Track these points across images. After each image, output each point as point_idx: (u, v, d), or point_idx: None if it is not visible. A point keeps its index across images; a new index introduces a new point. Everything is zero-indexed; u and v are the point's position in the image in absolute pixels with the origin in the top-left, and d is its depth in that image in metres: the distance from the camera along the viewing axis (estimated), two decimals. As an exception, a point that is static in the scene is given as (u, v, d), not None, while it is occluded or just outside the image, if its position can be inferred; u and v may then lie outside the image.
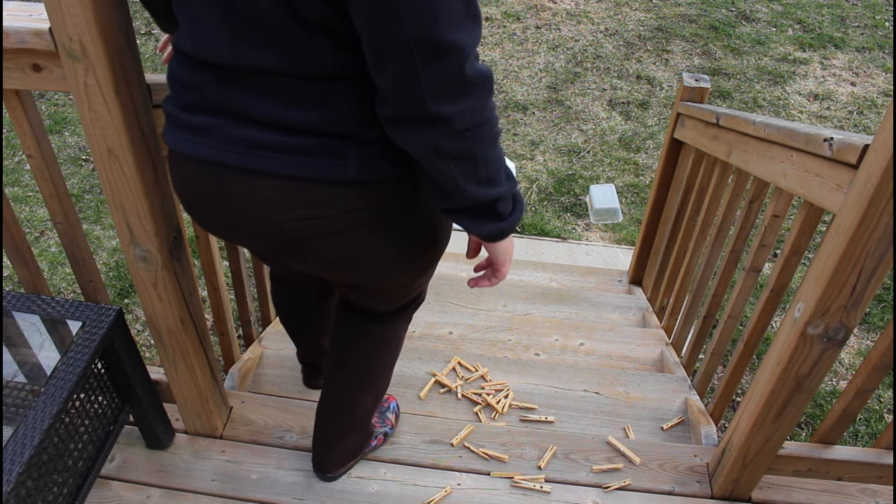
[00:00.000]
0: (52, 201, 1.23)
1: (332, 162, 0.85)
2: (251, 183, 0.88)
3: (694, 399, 1.77)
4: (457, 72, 0.74)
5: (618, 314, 2.44)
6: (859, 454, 1.37)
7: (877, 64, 4.66)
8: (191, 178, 0.94)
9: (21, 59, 1.00)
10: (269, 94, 0.83)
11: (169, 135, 0.94)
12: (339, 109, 0.83)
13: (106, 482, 1.36)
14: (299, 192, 0.87)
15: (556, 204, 3.56)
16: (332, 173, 0.86)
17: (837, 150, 1.07)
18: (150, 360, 2.47)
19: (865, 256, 0.99)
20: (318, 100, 0.83)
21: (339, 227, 0.91)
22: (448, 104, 0.75)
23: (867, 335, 2.73)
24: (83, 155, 3.69)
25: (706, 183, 1.96)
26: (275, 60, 0.80)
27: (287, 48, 0.79)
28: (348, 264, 0.97)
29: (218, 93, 0.86)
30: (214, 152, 0.89)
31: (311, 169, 0.86)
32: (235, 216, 0.93)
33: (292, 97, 0.83)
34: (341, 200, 0.89)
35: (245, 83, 0.84)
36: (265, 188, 0.88)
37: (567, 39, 4.85)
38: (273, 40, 0.79)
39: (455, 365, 1.85)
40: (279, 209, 0.89)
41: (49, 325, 1.16)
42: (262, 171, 0.87)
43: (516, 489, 1.41)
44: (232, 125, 0.87)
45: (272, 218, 0.90)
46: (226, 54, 0.82)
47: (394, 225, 0.94)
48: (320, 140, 0.85)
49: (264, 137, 0.85)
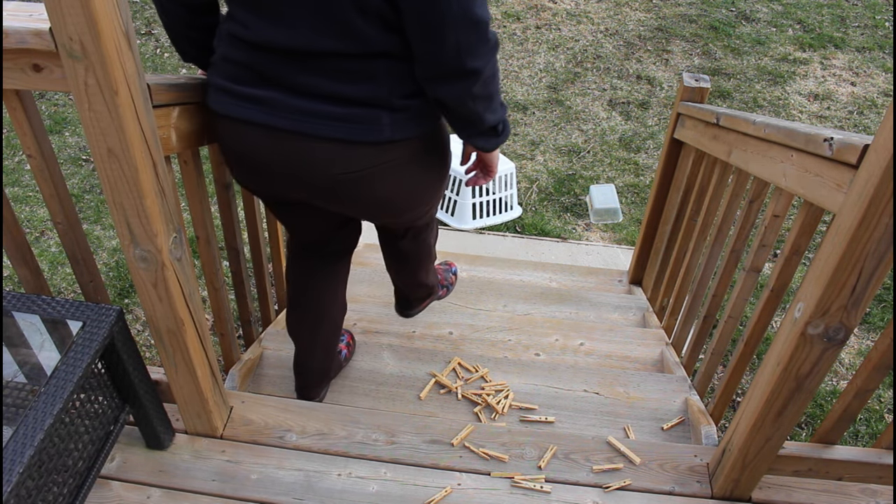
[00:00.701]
0: (52, 201, 1.23)
1: (371, 127, 1.12)
2: (306, 145, 1.14)
3: (694, 399, 1.77)
4: (484, 37, 1.03)
5: (618, 314, 2.44)
6: (859, 454, 1.37)
7: (877, 64, 4.66)
8: (247, 139, 1.18)
9: (21, 59, 1.00)
10: (322, 72, 1.08)
11: (222, 103, 1.17)
12: (378, 83, 1.10)
13: (106, 482, 1.36)
14: (346, 151, 1.14)
15: (557, 204, 3.56)
16: (372, 136, 1.13)
17: (837, 150, 1.07)
18: (151, 360, 2.47)
19: (865, 256, 0.99)
20: (363, 76, 1.09)
21: (376, 175, 1.19)
22: (479, 61, 1.05)
23: (867, 335, 2.73)
24: (83, 155, 3.69)
25: (706, 183, 1.96)
26: (340, 46, 1.05)
27: (349, 35, 1.04)
28: (381, 203, 1.27)
29: (276, 71, 1.10)
30: (273, 118, 1.13)
31: (356, 133, 1.12)
32: (288, 172, 1.19)
33: (343, 74, 1.08)
34: (378, 155, 1.16)
35: (302, 63, 1.08)
36: (318, 149, 1.14)
37: (567, 39, 4.85)
38: (340, 30, 1.04)
39: (455, 365, 1.85)
40: (330, 165, 1.16)
41: (49, 326, 1.16)
42: (315, 136, 1.13)
43: (516, 489, 1.41)
44: (287, 97, 1.11)
45: (324, 172, 1.17)
46: (304, 43, 1.06)
47: (413, 169, 1.24)
48: (362, 109, 1.11)
49: (316, 108, 1.11)
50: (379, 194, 1.24)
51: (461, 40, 1.02)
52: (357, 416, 1.56)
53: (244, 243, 1.77)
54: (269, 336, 1.94)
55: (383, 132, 1.13)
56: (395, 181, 1.23)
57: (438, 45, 1.02)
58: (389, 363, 1.85)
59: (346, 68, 1.08)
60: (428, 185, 1.30)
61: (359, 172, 1.18)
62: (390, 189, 1.24)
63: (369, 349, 1.90)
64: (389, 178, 1.21)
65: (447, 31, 1.01)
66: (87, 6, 0.86)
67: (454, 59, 1.04)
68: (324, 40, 1.05)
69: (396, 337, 2.12)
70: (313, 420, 1.54)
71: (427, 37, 1.02)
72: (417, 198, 1.31)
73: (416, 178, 1.26)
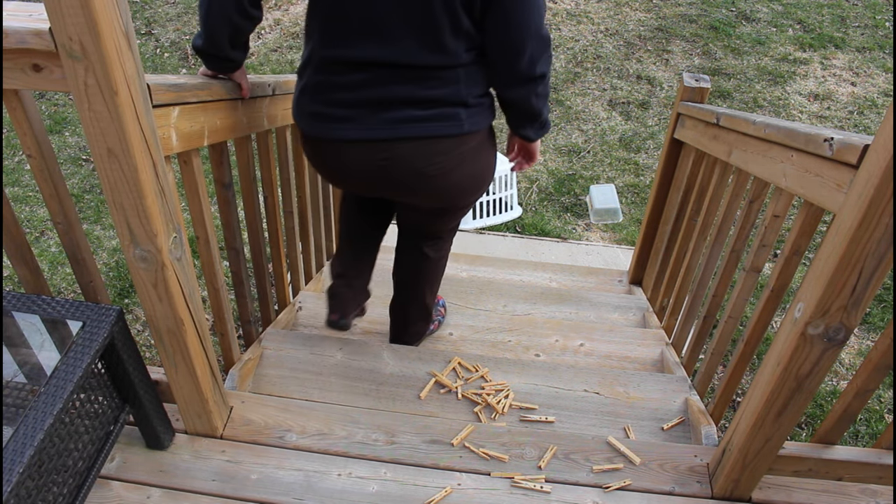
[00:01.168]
0: (52, 201, 1.23)
1: (451, 123, 1.36)
2: (397, 147, 1.37)
3: (694, 399, 1.77)
4: (549, 50, 1.34)
5: (618, 314, 2.44)
6: (859, 454, 1.37)
7: (877, 64, 4.66)
8: (343, 158, 1.42)
9: (21, 59, 1.00)
10: (417, 80, 1.31)
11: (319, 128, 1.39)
12: (456, 87, 1.34)
13: (106, 482, 1.36)
14: (432, 146, 1.37)
15: (557, 204, 3.56)
16: (454, 130, 1.37)
17: (837, 151, 1.07)
18: (150, 360, 2.47)
19: (866, 256, 0.99)
20: (449, 81, 1.33)
21: (454, 164, 1.42)
22: (545, 67, 1.35)
23: (867, 335, 2.73)
24: (83, 155, 3.69)
25: (706, 183, 1.96)
26: (437, 59, 1.30)
27: (444, 51, 1.29)
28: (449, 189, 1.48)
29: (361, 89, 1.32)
30: (366, 132, 1.35)
31: (440, 130, 1.36)
32: (384, 177, 1.43)
33: (434, 81, 1.32)
34: (457, 146, 1.40)
35: (398, 75, 1.31)
36: (408, 149, 1.37)
37: (567, 39, 4.85)
38: (438, 47, 1.28)
39: (455, 365, 1.85)
40: (419, 160, 1.39)
41: (49, 326, 1.16)
42: (404, 137, 1.35)
43: (516, 489, 1.41)
44: (374, 112, 1.34)
45: (416, 169, 1.40)
46: (407, 58, 1.29)
47: (479, 157, 1.47)
48: (443, 109, 1.35)
49: (401, 115, 1.33)
50: (453, 180, 1.46)
51: (534, 53, 1.31)
52: (357, 416, 1.56)
53: (244, 243, 1.77)
54: (269, 336, 1.94)
55: (463, 126, 1.38)
56: (466, 167, 1.46)
57: (517, 57, 1.31)
58: (389, 363, 1.85)
59: (438, 76, 1.32)
60: (486, 170, 1.53)
61: (439, 165, 1.41)
62: (458, 176, 1.46)
63: (369, 349, 1.90)
64: (462, 165, 1.45)
65: (525, 47, 1.29)
66: (86, 6, 0.86)
67: (528, 68, 1.33)
68: (424, 55, 1.29)
69: (396, 337, 2.12)
70: (313, 420, 1.54)
71: (508, 51, 1.31)
72: (478, 182, 1.53)
73: (480, 164, 1.49)
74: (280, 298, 2.15)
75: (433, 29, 1.26)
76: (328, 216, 2.62)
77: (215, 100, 1.35)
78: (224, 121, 1.42)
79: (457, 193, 1.51)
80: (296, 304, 2.21)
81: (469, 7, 1.26)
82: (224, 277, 1.63)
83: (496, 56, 1.33)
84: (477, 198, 1.59)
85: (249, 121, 1.58)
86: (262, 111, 1.66)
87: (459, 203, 1.57)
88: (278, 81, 1.72)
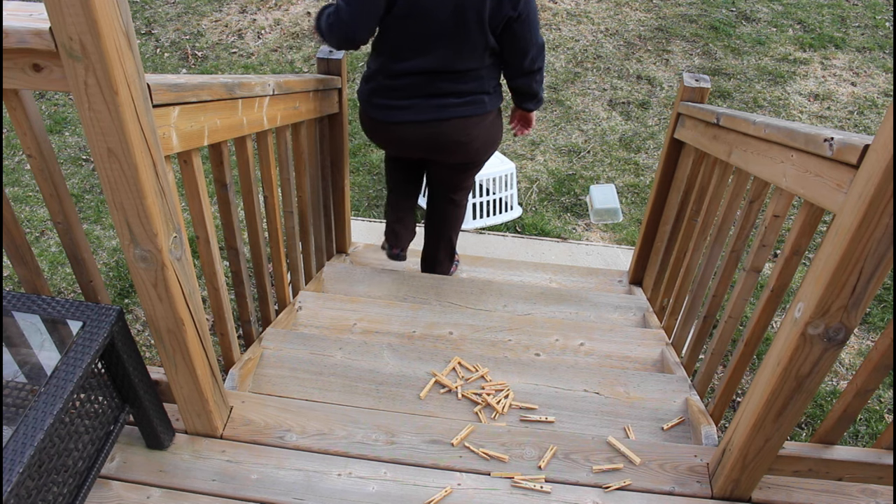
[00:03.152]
0: (52, 201, 1.23)
1: (480, 106, 2.03)
2: (444, 125, 2.02)
3: (694, 399, 1.77)
4: (544, 51, 1.99)
5: (618, 314, 2.44)
6: (859, 454, 1.37)
7: (877, 64, 4.66)
8: (404, 133, 2.07)
9: (21, 58, 1.00)
10: (452, 79, 1.95)
11: (386, 114, 2.04)
12: (481, 82, 1.99)
13: (106, 482, 1.36)
14: (468, 122, 2.03)
15: (557, 204, 3.56)
16: (481, 110, 2.03)
17: (838, 150, 1.07)
18: (150, 360, 2.47)
19: (866, 256, 0.99)
20: (476, 78, 1.98)
21: (480, 133, 2.09)
22: (541, 63, 2.00)
23: (867, 335, 2.73)
24: (83, 155, 3.69)
25: (706, 183, 1.96)
26: (468, 65, 1.94)
27: (474, 58, 1.92)
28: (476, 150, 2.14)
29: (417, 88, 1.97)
30: (419, 115, 2.01)
31: (472, 111, 2.02)
32: (433, 144, 2.09)
33: (466, 79, 1.97)
34: (482, 122, 2.06)
35: (438, 77, 1.94)
36: (452, 126, 2.03)
37: (567, 39, 4.85)
38: (471, 56, 1.91)
39: (455, 365, 1.85)
40: (459, 133, 2.05)
41: (49, 325, 1.16)
42: (448, 118, 2.01)
43: (517, 489, 1.41)
44: (424, 101, 1.99)
45: (455, 139, 2.06)
46: (445, 65, 1.92)
47: (494, 128, 2.14)
48: (474, 97, 2.00)
49: (443, 102, 1.99)
50: (477, 145, 2.12)
51: (534, 56, 1.98)
52: (357, 416, 1.56)
53: (244, 243, 1.77)
54: (269, 336, 1.94)
55: (486, 107, 2.05)
56: (486, 135, 2.12)
57: (523, 59, 1.98)
58: (390, 363, 1.85)
59: (469, 76, 1.97)
60: (498, 134, 2.20)
61: (470, 134, 2.07)
62: (482, 141, 2.12)
63: (369, 349, 1.90)
64: (484, 134, 2.11)
65: (529, 52, 1.96)
66: (87, 6, 0.86)
67: (530, 65, 2.00)
68: (459, 62, 1.93)
69: (397, 337, 2.12)
70: (313, 420, 1.54)
71: (517, 56, 1.97)
72: (493, 143, 2.19)
73: (495, 131, 2.16)
74: (280, 298, 2.15)
75: (469, 47, 1.90)
76: (328, 216, 2.62)
77: (215, 100, 1.35)
78: (224, 121, 1.42)
79: (480, 153, 2.18)
80: (296, 304, 2.21)
81: (493, 31, 1.89)
82: (224, 277, 1.63)
83: (509, 58, 1.99)
84: (491, 154, 2.25)
85: (249, 121, 1.58)
86: (262, 111, 1.66)
87: (480, 159, 2.23)
88: (278, 81, 1.72)
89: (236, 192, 2.00)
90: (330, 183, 2.53)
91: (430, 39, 1.87)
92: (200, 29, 4.85)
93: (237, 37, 4.80)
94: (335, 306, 2.23)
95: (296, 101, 1.91)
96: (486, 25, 1.85)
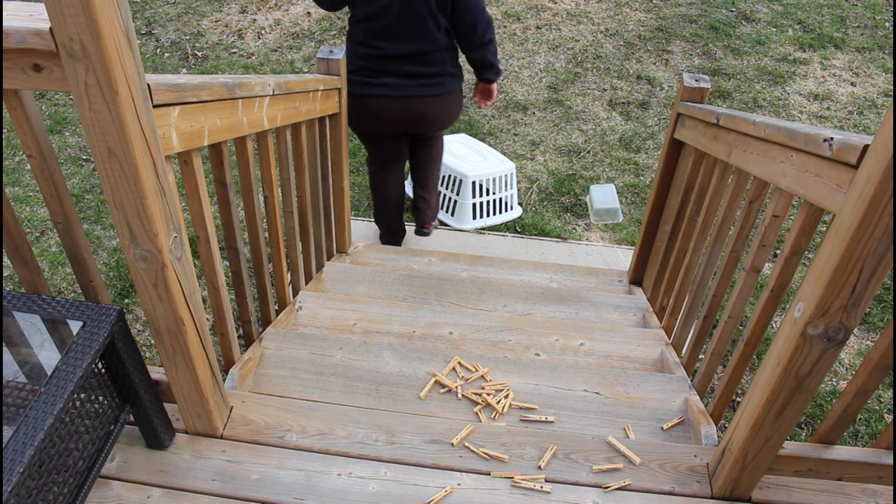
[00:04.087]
0: (52, 201, 1.23)
1: (444, 87, 2.48)
2: (414, 101, 2.45)
3: (694, 399, 1.77)
4: (492, 25, 2.41)
5: (618, 314, 2.44)
6: (859, 454, 1.37)
7: (877, 64, 4.66)
8: (382, 107, 2.46)
9: (21, 59, 1.00)
10: (418, 62, 2.39)
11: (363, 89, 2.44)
12: (444, 65, 2.44)
13: (106, 482, 1.36)
14: (435, 99, 2.48)
15: (557, 204, 3.56)
16: (444, 90, 2.48)
17: (837, 151, 1.07)
18: (151, 360, 2.47)
19: (865, 256, 0.99)
20: (438, 61, 2.42)
21: (443, 109, 2.54)
22: (490, 35, 2.42)
23: (867, 335, 2.73)
24: (83, 155, 3.69)
25: (706, 183, 1.96)
26: (428, 47, 2.36)
27: (432, 42, 2.35)
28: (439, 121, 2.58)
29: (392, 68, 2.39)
30: (402, 91, 2.43)
31: (436, 90, 2.46)
32: (405, 116, 2.50)
33: (430, 62, 2.40)
34: (444, 100, 2.51)
35: (407, 60, 2.38)
36: (421, 102, 2.47)
37: (567, 39, 4.86)
38: (429, 40, 2.35)
39: (455, 365, 1.85)
40: (426, 107, 2.49)
41: (49, 325, 1.16)
42: (419, 95, 2.44)
43: (517, 489, 1.41)
44: (398, 80, 2.41)
45: (423, 112, 2.50)
46: (413, 49, 2.36)
47: (454, 104, 2.58)
48: (438, 79, 2.45)
49: (414, 82, 2.42)
50: (442, 117, 2.58)
51: (484, 29, 2.37)
52: (357, 416, 1.56)
53: (244, 243, 1.77)
54: (269, 336, 1.94)
55: (447, 87, 2.50)
56: (447, 110, 2.58)
57: (473, 34, 2.37)
58: (390, 363, 1.85)
59: (431, 59, 2.41)
60: (458, 109, 2.65)
61: (435, 109, 2.53)
62: (445, 114, 2.59)
63: (369, 349, 1.90)
64: (446, 109, 2.57)
65: (477, 28, 2.35)
66: (87, 6, 0.86)
67: (480, 38, 2.39)
68: (422, 46, 2.36)
69: (397, 336, 2.12)
70: (313, 420, 1.54)
71: (468, 31, 2.37)
72: (454, 115, 2.65)
73: (455, 107, 2.61)
74: (280, 298, 2.15)
75: (427, 32, 2.33)
76: (328, 216, 2.62)
77: (215, 100, 1.35)
78: (224, 121, 1.42)
79: (443, 123, 2.63)
80: (296, 304, 2.21)
81: (444, 12, 2.30)
82: (224, 277, 1.63)
83: (462, 33, 2.38)
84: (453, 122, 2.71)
85: (249, 121, 1.58)
86: (262, 111, 1.66)
87: (445, 126, 2.68)
88: (278, 81, 1.72)
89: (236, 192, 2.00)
90: (330, 183, 2.53)
91: (392, 30, 2.33)
92: (200, 29, 4.85)
93: (237, 37, 4.80)
94: (335, 306, 2.23)
95: (296, 101, 1.91)
96: (436, 10, 2.29)
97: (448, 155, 3.42)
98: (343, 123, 2.47)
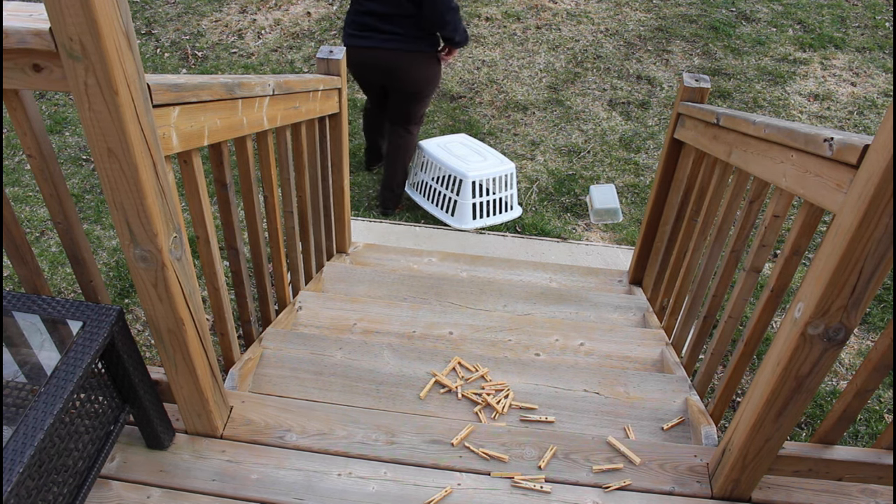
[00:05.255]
0: (52, 201, 1.23)
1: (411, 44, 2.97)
2: (385, 52, 2.97)
3: (694, 399, 1.77)
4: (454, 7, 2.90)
5: (618, 314, 2.44)
6: (859, 454, 1.37)
7: (877, 64, 4.66)
8: (364, 55, 3.00)
9: (21, 59, 1.00)
10: (392, 22, 2.91)
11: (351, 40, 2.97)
12: (412, 28, 2.92)
13: (106, 482, 1.36)
14: (402, 54, 2.98)
15: (557, 204, 3.56)
16: (413, 48, 2.98)
17: (837, 151, 1.07)
18: (151, 360, 2.47)
19: (866, 256, 0.99)
20: (407, 25, 2.91)
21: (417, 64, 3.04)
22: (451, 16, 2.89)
23: (867, 335, 2.73)
24: (83, 155, 3.69)
25: (706, 183, 1.96)
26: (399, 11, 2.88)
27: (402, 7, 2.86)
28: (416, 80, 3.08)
29: (374, 24, 2.92)
30: (374, 43, 2.95)
31: (405, 47, 2.96)
32: (383, 66, 3.03)
33: (400, 23, 2.91)
34: (413, 57, 3.01)
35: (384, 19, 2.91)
36: (390, 54, 2.98)
37: (567, 39, 4.85)
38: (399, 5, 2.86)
39: (455, 365, 1.85)
40: (399, 60, 3.00)
41: (49, 325, 1.16)
42: (390, 48, 2.96)
43: (517, 489, 1.41)
44: (378, 35, 2.94)
45: (397, 64, 3.01)
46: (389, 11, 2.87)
47: (429, 64, 3.08)
48: (406, 38, 2.95)
49: (389, 37, 2.94)
50: (413, 74, 3.03)
51: (445, 12, 2.82)
52: (357, 416, 1.56)
53: (244, 243, 1.77)
54: (269, 336, 1.94)
55: (412, 46, 2.94)
56: (417, 68, 3.02)
57: (434, 13, 2.83)
58: (390, 363, 1.85)
59: (403, 22, 2.87)
60: (432, 75, 3.10)
61: (406, 64, 2.99)
62: (415, 71, 3.03)
63: (369, 349, 1.90)
64: (416, 66, 3.01)
65: (439, 10, 2.82)
66: (87, 6, 0.86)
67: (440, 17, 2.84)
68: (395, 9, 2.83)
69: (396, 336, 2.12)
70: (313, 420, 1.54)
71: (431, 11, 2.82)
72: (429, 80, 3.11)
73: (427, 70, 3.06)
74: (280, 298, 2.15)
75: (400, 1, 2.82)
76: (328, 216, 2.62)
77: (215, 100, 1.35)
78: (224, 121, 1.42)
79: (416, 83, 3.07)
80: (296, 304, 2.21)
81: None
82: (224, 277, 1.63)
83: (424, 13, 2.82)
84: (430, 91, 3.18)
85: (249, 121, 1.58)
86: (262, 111, 1.66)
87: (420, 90, 3.11)
88: (278, 81, 1.72)
89: (236, 192, 2.00)
90: (330, 183, 2.53)
91: None
92: (200, 29, 4.85)
93: (237, 37, 4.80)
94: (335, 306, 2.23)
95: (296, 101, 1.91)
96: None
97: (448, 155, 3.42)
98: (343, 123, 2.47)
